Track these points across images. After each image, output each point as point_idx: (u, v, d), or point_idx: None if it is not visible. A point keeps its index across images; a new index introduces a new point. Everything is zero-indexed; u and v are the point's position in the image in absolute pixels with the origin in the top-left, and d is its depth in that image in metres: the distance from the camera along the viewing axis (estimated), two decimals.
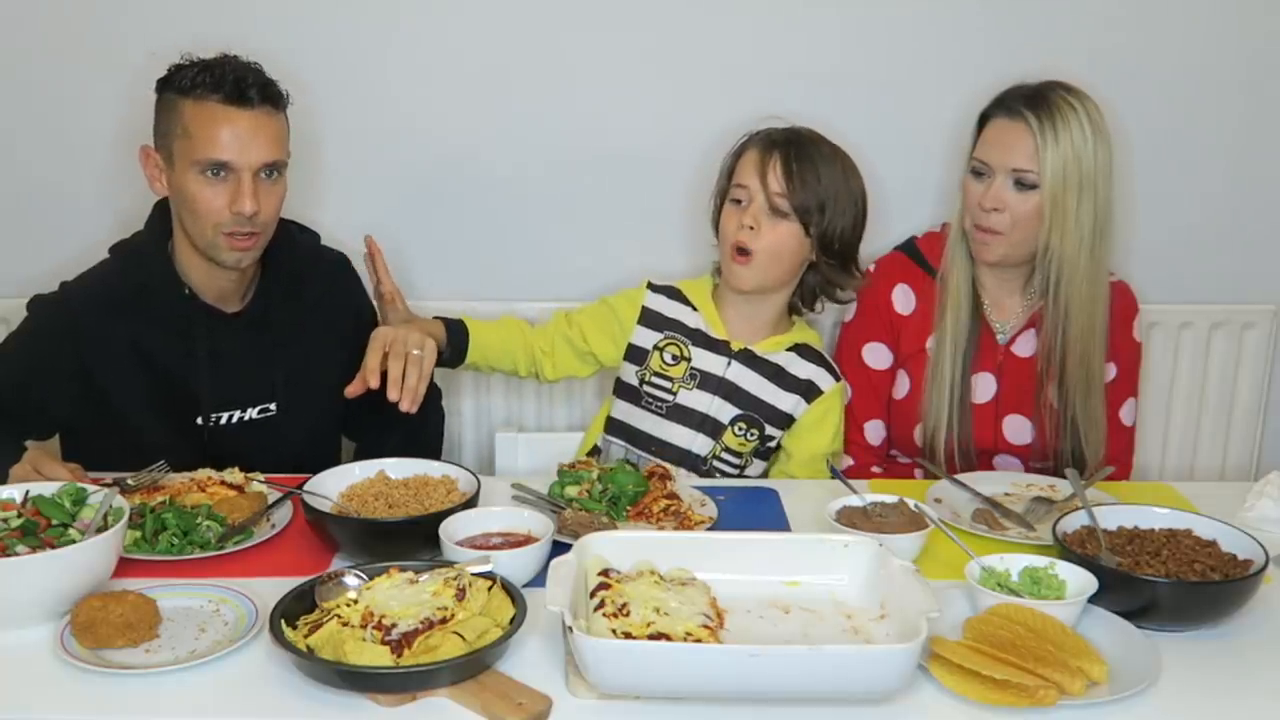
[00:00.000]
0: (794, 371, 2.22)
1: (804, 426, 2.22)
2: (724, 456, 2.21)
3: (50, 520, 1.62)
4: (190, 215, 2.00)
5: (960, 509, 1.94)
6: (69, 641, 1.47)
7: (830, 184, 2.11)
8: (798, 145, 2.12)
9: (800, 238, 2.12)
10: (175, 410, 2.08)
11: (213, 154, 1.94)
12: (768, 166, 2.11)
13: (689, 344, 2.22)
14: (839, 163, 2.14)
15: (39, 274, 2.26)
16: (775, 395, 2.21)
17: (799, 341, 2.25)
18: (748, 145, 2.17)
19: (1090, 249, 2.12)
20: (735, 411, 2.20)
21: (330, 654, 1.40)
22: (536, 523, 1.73)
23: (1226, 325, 2.72)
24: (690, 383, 2.21)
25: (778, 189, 2.10)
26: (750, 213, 2.11)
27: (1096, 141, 2.09)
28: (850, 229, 2.15)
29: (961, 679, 1.40)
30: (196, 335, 2.07)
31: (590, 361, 2.31)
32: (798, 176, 2.09)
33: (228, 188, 1.96)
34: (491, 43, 2.53)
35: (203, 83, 1.94)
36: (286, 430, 2.11)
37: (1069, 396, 2.19)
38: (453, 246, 2.64)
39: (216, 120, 1.94)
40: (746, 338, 2.22)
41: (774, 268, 2.14)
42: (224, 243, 2.00)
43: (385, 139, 2.58)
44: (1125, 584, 1.55)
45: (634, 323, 2.25)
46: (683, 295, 2.27)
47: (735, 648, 1.42)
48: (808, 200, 2.10)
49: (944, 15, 2.53)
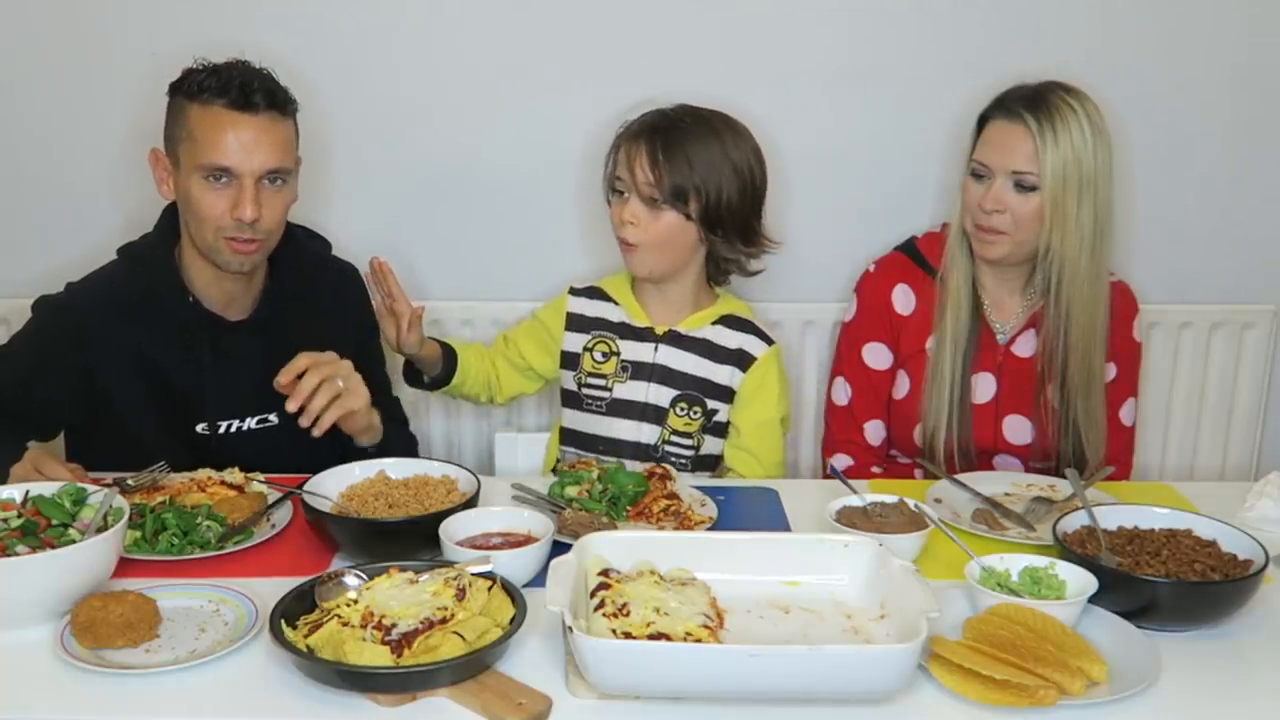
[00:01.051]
0: (723, 343, 2.22)
1: (744, 397, 2.22)
2: (673, 440, 2.22)
3: (50, 520, 1.62)
4: (193, 219, 2.00)
5: (960, 509, 1.94)
6: (69, 641, 1.47)
7: (703, 163, 2.08)
8: (664, 132, 2.10)
9: (683, 223, 2.11)
10: (175, 417, 2.08)
11: (215, 159, 1.94)
12: (635, 159, 2.10)
13: (616, 338, 2.24)
14: (714, 137, 2.11)
15: (43, 273, 2.26)
16: (709, 369, 2.21)
17: (725, 313, 2.25)
18: (621, 136, 2.16)
19: (1091, 250, 2.12)
20: (673, 393, 2.22)
21: (330, 654, 1.40)
22: (536, 523, 1.73)
23: (1226, 325, 2.72)
24: (623, 375, 2.23)
25: (647, 181, 2.09)
26: (630, 207, 2.11)
27: (1096, 142, 2.09)
28: (738, 199, 2.12)
29: (961, 679, 1.40)
30: (199, 343, 2.07)
31: (533, 377, 2.34)
32: (664, 165, 2.07)
33: (230, 193, 1.96)
34: (495, 44, 2.54)
35: (209, 87, 1.94)
36: (285, 441, 2.09)
37: (1069, 397, 2.19)
38: (458, 246, 2.64)
39: (220, 125, 1.94)
40: (669, 320, 2.23)
41: (664, 255, 2.14)
42: (224, 246, 1.99)
43: (389, 140, 2.58)
44: (1125, 584, 1.55)
45: (562, 330, 2.28)
46: (603, 292, 2.29)
47: (735, 648, 1.42)
48: (680, 187, 2.08)
49: (944, 15, 2.54)
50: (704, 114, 2.15)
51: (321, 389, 1.89)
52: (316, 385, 1.89)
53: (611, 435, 2.24)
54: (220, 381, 2.09)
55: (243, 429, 2.12)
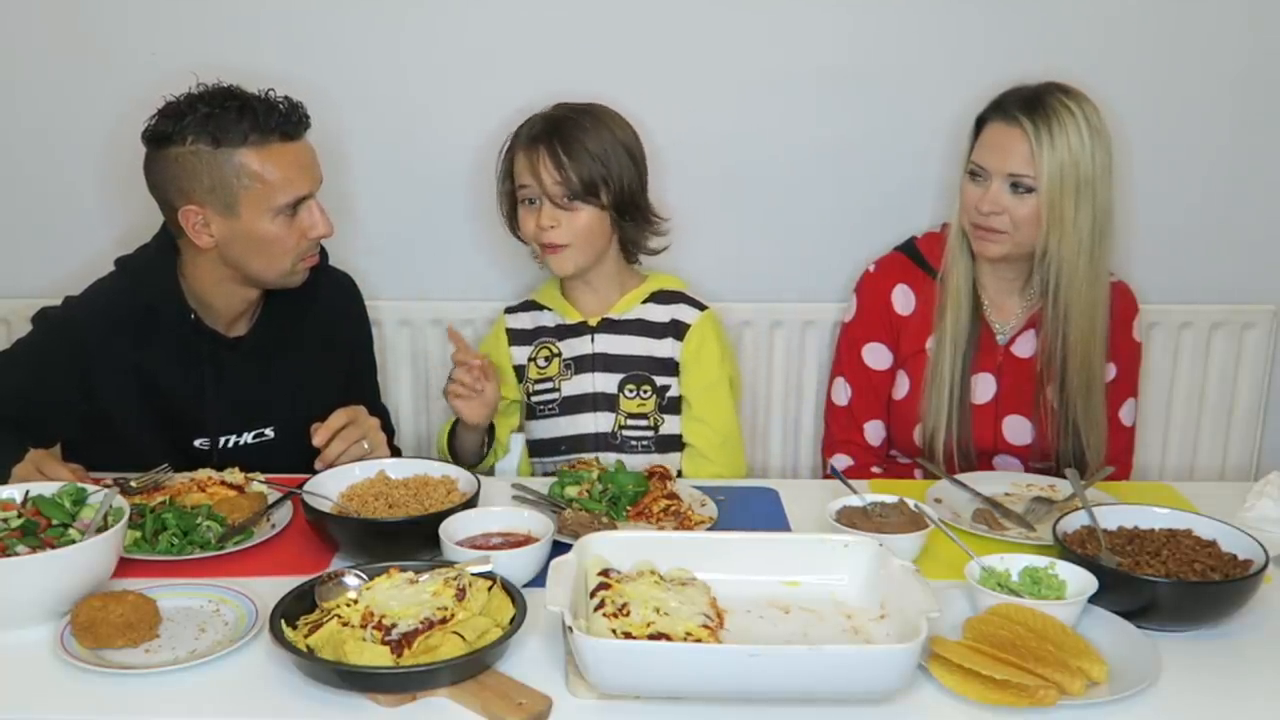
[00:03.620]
0: (655, 319, 2.27)
1: (686, 364, 2.26)
2: (630, 425, 2.25)
3: (50, 520, 1.62)
4: (266, 256, 1.98)
5: (960, 509, 1.94)
6: (69, 641, 1.47)
7: (601, 153, 2.13)
8: (558, 132, 2.14)
9: (599, 214, 2.16)
10: (174, 432, 2.08)
11: (297, 192, 1.95)
12: (539, 164, 2.13)
13: (555, 340, 2.29)
14: (603, 126, 2.16)
15: (43, 275, 2.26)
16: (649, 346, 2.25)
17: (654, 290, 2.29)
18: (514, 145, 2.20)
19: (1089, 251, 2.12)
20: (618, 377, 2.25)
21: (330, 654, 1.40)
22: (536, 523, 1.73)
23: (1226, 325, 2.72)
24: (567, 372, 2.27)
25: (555, 182, 2.13)
26: (545, 212, 2.15)
27: (1094, 144, 2.09)
28: (635, 180, 2.18)
29: (961, 679, 1.40)
30: (199, 360, 2.07)
31: (511, 410, 2.33)
32: (569, 166, 2.11)
33: (303, 217, 1.98)
34: (495, 44, 2.53)
35: (258, 127, 1.92)
36: (282, 456, 2.09)
37: (1069, 397, 2.19)
38: (459, 247, 2.64)
39: (286, 160, 1.94)
40: (600, 310, 2.28)
41: (587, 250, 2.19)
42: (302, 269, 2.03)
43: (390, 140, 2.58)
44: (1125, 584, 1.55)
45: (508, 346, 2.32)
46: (534, 303, 2.35)
47: (735, 648, 1.42)
48: (589, 181, 2.12)
49: (944, 15, 2.53)
50: (584, 107, 2.20)
51: (348, 452, 1.93)
52: (343, 450, 1.93)
53: (571, 433, 2.26)
54: (219, 398, 2.09)
55: (240, 444, 2.12)
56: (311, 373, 2.16)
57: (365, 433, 1.97)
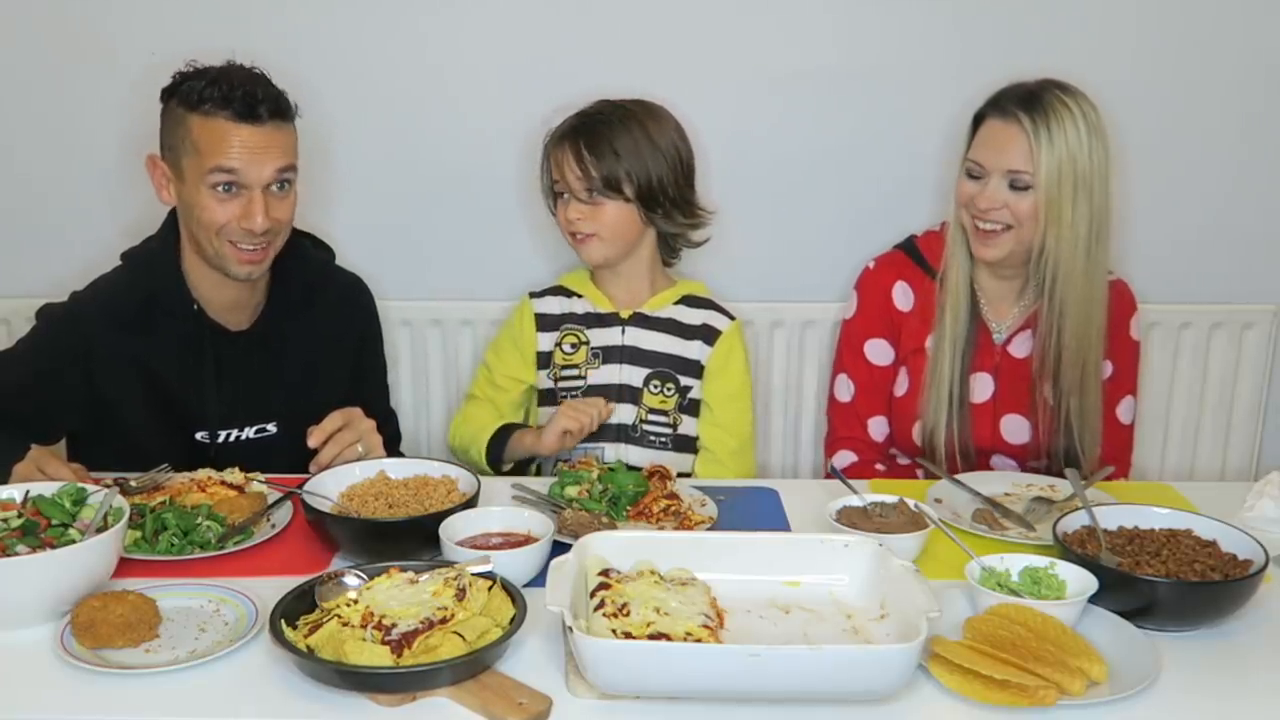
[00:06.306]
0: (688, 320, 2.31)
1: (712, 370, 2.30)
2: (651, 419, 2.28)
3: (50, 520, 1.62)
4: (199, 228, 1.99)
5: (960, 509, 1.94)
6: (69, 641, 1.47)
7: (629, 150, 2.18)
8: (585, 129, 2.20)
9: (625, 208, 2.20)
10: (174, 425, 2.08)
11: (224, 172, 1.94)
12: (563, 162, 2.20)
13: (584, 328, 2.31)
14: (634, 123, 2.20)
15: (44, 274, 2.26)
16: (678, 346, 2.29)
17: (685, 294, 2.34)
18: (547, 145, 2.25)
19: (1087, 250, 2.12)
20: (645, 371, 2.28)
21: (330, 654, 1.40)
22: (536, 523, 1.73)
23: (1226, 325, 2.72)
24: (595, 361, 2.29)
25: (578, 178, 2.18)
26: (572, 207, 2.21)
27: (1092, 142, 2.08)
28: (671, 177, 2.22)
29: (961, 679, 1.40)
30: (202, 354, 2.07)
31: (520, 397, 2.34)
32: (591, 161, 2.17)
33: (239, 203, 1.96)
34: (495, 44, 2.54)
35: (211, 97, 1.92)
36: (283, 451, 2.09)
37: (1064, 394, 2.19)
38: (459, 246, 2.64)
39: (227, 137, 1.93)
40: (632, 303, 2.31)
41: (617, 240, 2.23)
42: (231, 254, 1.99)
43: (390, 140, 2.58)
44: (1125, 584, 1.55)
45: (534, 331, 2.33)
46: (564, 289, 2.36)
47: (735, 648, 1.42)
48: (610, 176, 2.17)
49: (943, 15, 2.54)
50: (622, 104, 2.24)
51: (342, 455, 1.94)
52: (337, 454, 1.94)
53: None
54: (221, 392, 2.09)
55: (241, 438, 2.12)
56: (315, 370, 2.16)
57: (360, 435, 1.97)
